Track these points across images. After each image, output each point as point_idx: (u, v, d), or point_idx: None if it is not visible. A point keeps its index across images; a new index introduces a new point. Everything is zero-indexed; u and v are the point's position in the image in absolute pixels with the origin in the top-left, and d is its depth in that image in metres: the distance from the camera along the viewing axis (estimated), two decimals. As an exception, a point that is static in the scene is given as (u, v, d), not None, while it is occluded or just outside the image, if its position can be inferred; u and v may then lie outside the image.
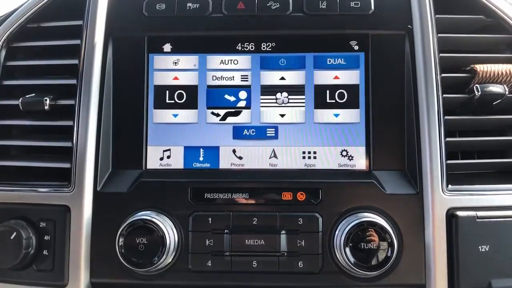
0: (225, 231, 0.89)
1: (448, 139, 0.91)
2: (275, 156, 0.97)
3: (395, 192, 0.90)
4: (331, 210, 0.90)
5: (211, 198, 0.91)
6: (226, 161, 0.97)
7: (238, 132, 0.97)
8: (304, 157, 0.96)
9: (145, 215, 0.89)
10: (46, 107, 0.96)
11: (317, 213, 0.90)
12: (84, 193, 0.92)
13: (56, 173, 0.95)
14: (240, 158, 0.97)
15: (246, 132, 0.97)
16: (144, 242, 0.87)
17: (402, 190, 0.90)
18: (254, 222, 0.90)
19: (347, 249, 0.85)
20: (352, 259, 0.85)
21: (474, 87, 0.93)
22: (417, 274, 0.88)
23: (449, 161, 0.91)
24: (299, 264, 0.88)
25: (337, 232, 0.88)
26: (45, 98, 0.96)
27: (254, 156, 0.97)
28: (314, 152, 0.96)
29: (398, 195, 0.90)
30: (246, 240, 0.89)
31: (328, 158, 0.96)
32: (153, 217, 0.88)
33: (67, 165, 0.94)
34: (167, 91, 0.98)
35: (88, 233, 0.90)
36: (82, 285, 0.90)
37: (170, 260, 0.89)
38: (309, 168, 0.96)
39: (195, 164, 0.97)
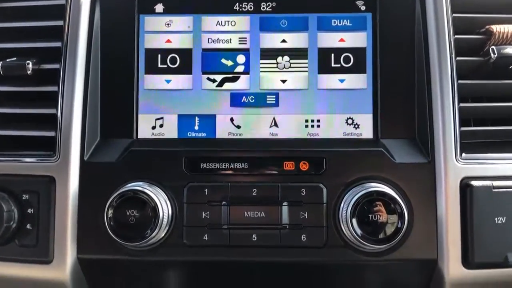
0: (223, 202, 0.83)
1: (462, 104, 0.85)
2: (275, 125, 0.90)
3: (405, 161, 0.84)
4: (336, 181, 0.83)
5: (207, 168, 0.85)
6: (223, 130, 0.90)
7: (236, 99, 0.91)
8: (307, 126, 0.90)
9: (136, 186, 0.82)
10: (29, 72, 0.89)
11: (321, 184, 0.83)
12: (70, 163, 0.85)
13: (40, 143, 0.88)
14: (238, 127, 0.90)
15: (245, 99, 0.91)
16: (135, 215, 0.80)
17: (412, 159, 0.84)
18: (253, 194, 0.83)
19: (354, 221, 0.79)
20: (359, 232, 0.79)
21: (490, 49, 0.86)
22: (429, 248, 0.82)
23: (463, 128, 0.85)
24: (302, 237, 0.82)
25: (342, 204, 0.82)
26: (27, 61, 0.89)
27: (253, 125, 0.90)
28: (318, 121, 0.90)
29: (408, 164, 0.84)
30: (245, 212, 0.83)
31: (332, 127, 0.90)
32: (145, 188, 0.81)
33: (51, 134, 0.87)
34: (159, 55, 0.91)
35: (74, 205, 0.84)
36: (68, 261, 0.84)
37: (163, 235, 0.83)
38: (312, 137, 0.89)
39: (190, 134, 0.91)
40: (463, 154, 0.84)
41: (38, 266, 0.84)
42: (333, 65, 0.90)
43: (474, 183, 0.81)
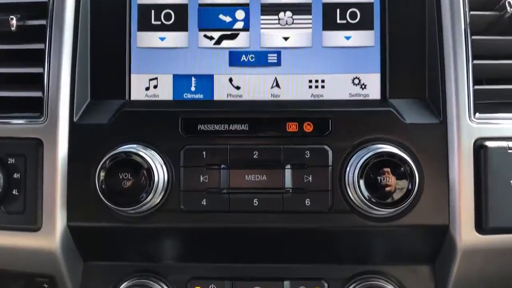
0: (222, 166, 0.78)
1: (475, 61, 0.80)
2: (277, 85, 0.85)
3: (416, 122, 0.79)
4: (342, 142, 0.78)
5: (205, 130, 0.80)
6: (221, 91, 0.85)
7: (235, 58, 0.85)
8: (310, 87, 0.84)
9: (130, 148, 0.77)
10: (13, 28, 0.83)
11: (327, 146, 0.78)
12: (59, 125, 0.79)
13: (26, 104, 0.83)
14: (238, 88, 0.85)
15: (244, 58, 0.85)
16: (129, 178, 0.75)
17: (423, 119, 0.79)
18: (254, 156, 0.78)
19: (361, 184, 0.74)
20: (366, 195, 0.74)
21: (506, 3, 0.80)
22: (440, 213, 0.78)
23: (476, 87, 0.80)
24: (306, 202, 0.77)
25: (349, 167, 0.77)
26: (11, 16, 0.82)
27: (254, 86, 0.85)
28: (322, 81, 0.84)
29: (419, 124, 0.79)
30: (246, 176, 0.78)
31: (337, 87, 0.84)
32: (139, 150, 0.76)
33: (38, 94, 0.81)
34: (153, 11, 0.85)
35: (64, 169, 0.79)
36: (58, 229, 0.79)
37: (158, 200, 0.78)
38: (316, 99, 0.84)
39: (186, 95, 0.85)
40: (477, 114, 0.79)
41: (26, 234, 0.79)
42: (338, 21, 0.84)
43: (489, 144, 0.77)
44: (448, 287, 0.81)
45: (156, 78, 0.85)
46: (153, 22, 0.85)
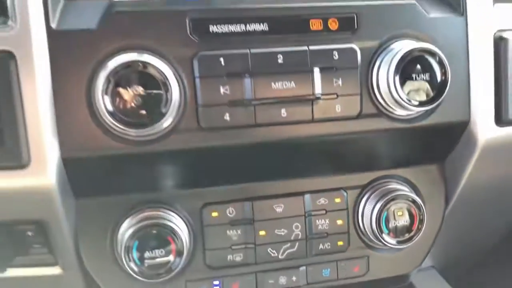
0: (245, 74, 0.68)
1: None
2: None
3: (438, 16, 0.75)
4: (370, 40, 0.72)
5: (219, 32, 0.67)
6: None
7: None
8: None
9: (136, 56, 0.63)
10: None
11: (354, 45, 0.72)
12: (31, 32, 0.62)
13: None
14: None
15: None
16: (140, 94, 0.62)
17: (445, 13, 0.76)
18: (279, 61, 0.69)
19: (397, 82, 0.69)
20: (404, 95, 0.70)
21: None
22: (461, 109, 0.77)
23: (494, -24, 0.77)
24: (337, 108, 0.71)
25: (378, 63, 0.71)
26: None
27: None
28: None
29: (441, 18, 0.75)
30: (273, 84, 0.69)
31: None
32: (151, 59, 0.63)
33: None
34: None
35: (47, 88, 0.63)
36: (51, 163, 0.64)
37: (171, 120, 0.66)
38: None
39: None
40: (496, 4, 0.77)
41: (9, 173, 0.63)
42: None
43: (508, 35, 0.76)
44: (461, 181, 0.83)
45: (145, -29, 0.69)
46: None
